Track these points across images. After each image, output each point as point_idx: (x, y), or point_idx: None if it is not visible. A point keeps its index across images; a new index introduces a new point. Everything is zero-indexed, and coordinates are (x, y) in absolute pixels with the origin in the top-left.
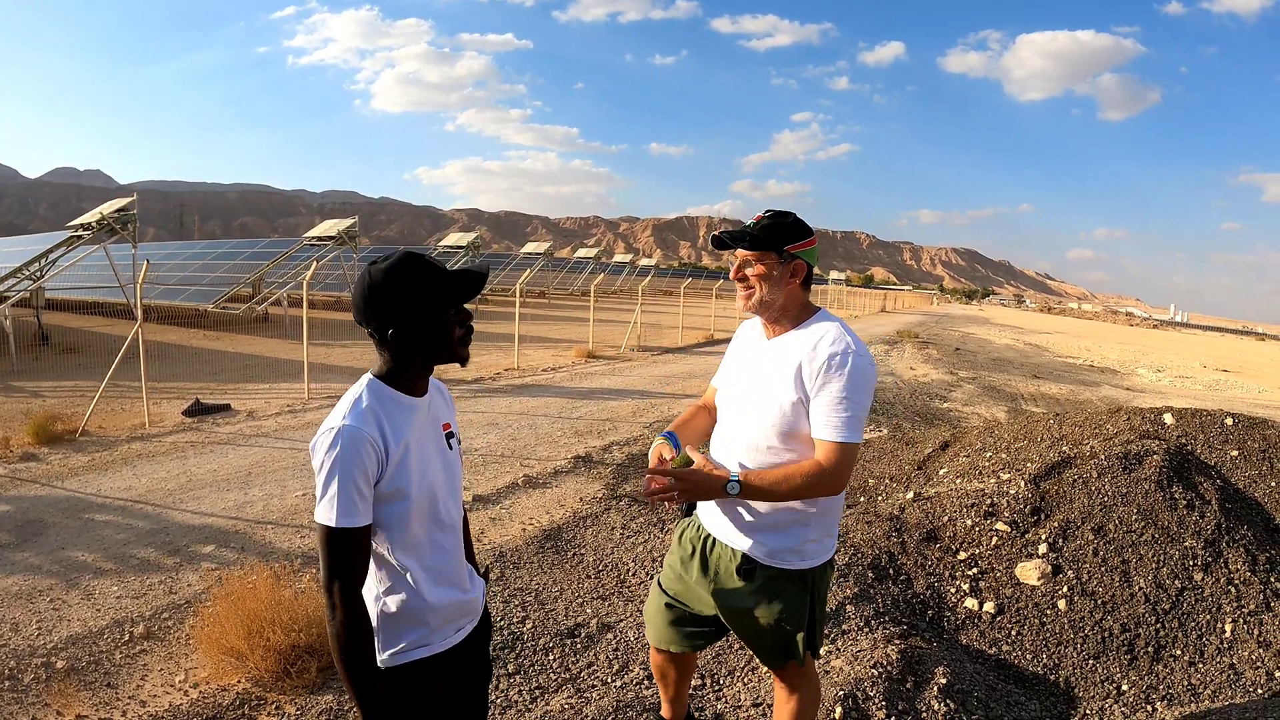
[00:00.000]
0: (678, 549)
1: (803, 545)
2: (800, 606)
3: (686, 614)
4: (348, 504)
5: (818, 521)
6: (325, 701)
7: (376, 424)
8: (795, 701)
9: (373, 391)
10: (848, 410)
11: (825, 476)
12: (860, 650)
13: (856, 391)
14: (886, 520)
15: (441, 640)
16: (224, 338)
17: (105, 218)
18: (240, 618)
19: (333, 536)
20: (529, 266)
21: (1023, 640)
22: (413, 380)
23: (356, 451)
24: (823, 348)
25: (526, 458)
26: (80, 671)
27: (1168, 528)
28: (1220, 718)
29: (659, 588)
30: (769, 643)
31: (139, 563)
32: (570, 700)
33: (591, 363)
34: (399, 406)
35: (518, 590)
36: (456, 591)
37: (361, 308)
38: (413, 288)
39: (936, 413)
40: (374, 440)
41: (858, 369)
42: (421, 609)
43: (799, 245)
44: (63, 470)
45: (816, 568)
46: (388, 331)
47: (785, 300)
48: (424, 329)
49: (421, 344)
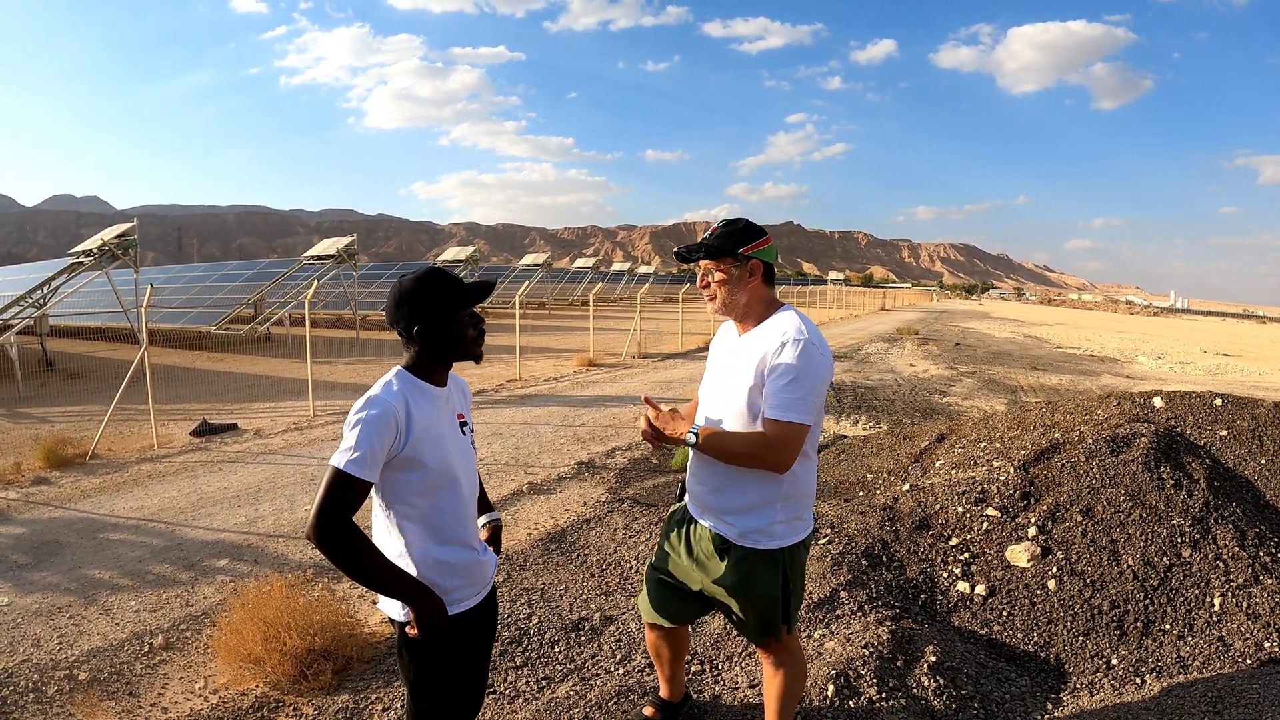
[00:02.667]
0: (668, 531)
1: (770, 527)
2: (773, 583)
3: (674, 588)
4: (361, 457)
5: (784, 505)
6: (341, 701)
7: (403, 403)
8: (782, 675)
9: (400, 378)
10: (793, 392)
11: (766, 450)
12: (853, 632)
13: (804, 375)
14: (880, 510)
15: (470, 598)
16: (227, 358)
17: (106, 244)
18: (257, 625)
19: (338, 478)
20: (528, 278)
21: (1014, 620)
22: (434, 372)
23: (382, 420)
24: (778, 336)
25: (530, 466)
26: (103, 682)
27: (1155, 507)
28: (1209, 686)
29: (651, 566)
30: (747, 617)
31: (155, 578)
32: (575, 688)
33: (593, 371)
34: (422, 393)
35: (524, 590)
36: (472, 553)
37: (393, 309)
38: (434, 292)
39: (936, 408)
40: (398, 417)
41: (806, 354)
42: (444, 564)
43: (752, 247)
44: (75, 493)
45: (787, 548)
46: (414, 329)
47: (749, 299)
48: (444, 327)
49: (442, 340)
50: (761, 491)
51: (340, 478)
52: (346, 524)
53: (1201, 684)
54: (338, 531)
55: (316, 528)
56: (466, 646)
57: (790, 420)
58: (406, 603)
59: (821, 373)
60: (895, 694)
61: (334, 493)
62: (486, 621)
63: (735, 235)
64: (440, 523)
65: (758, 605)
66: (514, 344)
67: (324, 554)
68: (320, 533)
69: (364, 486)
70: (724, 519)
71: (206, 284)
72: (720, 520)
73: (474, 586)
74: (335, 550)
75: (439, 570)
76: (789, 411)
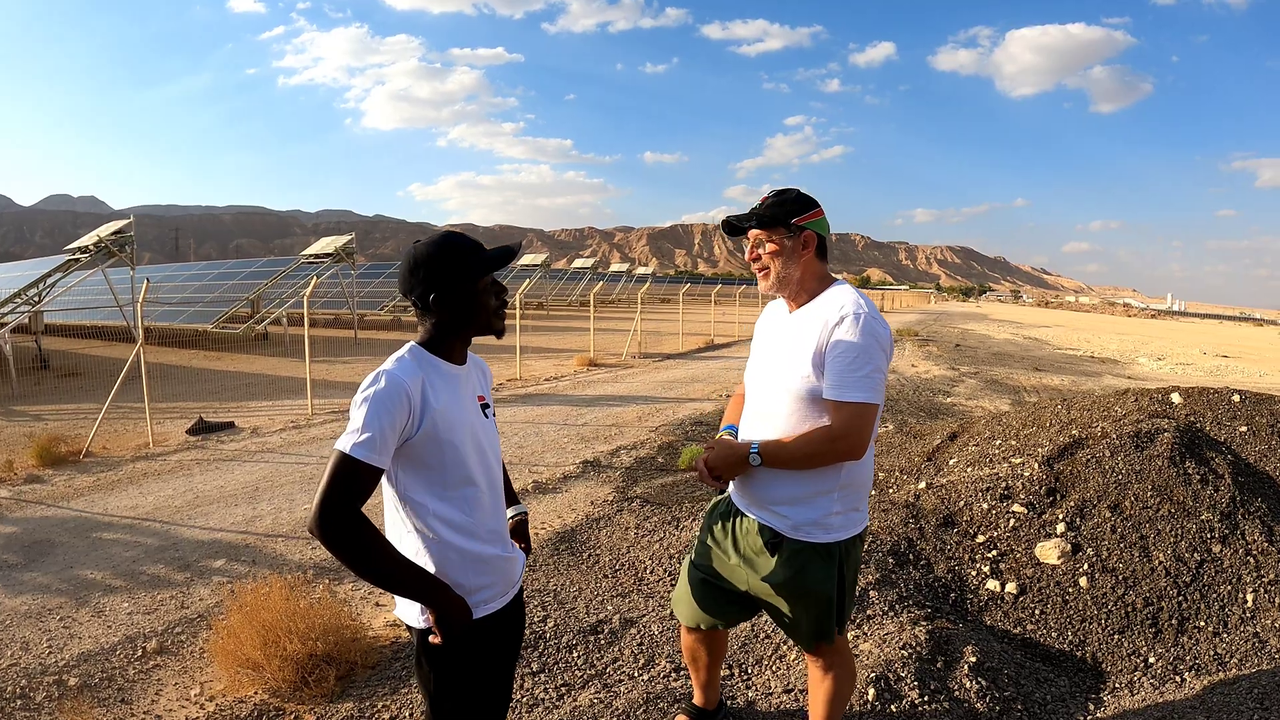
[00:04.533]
0: (710, 525)
1: (827, 518)
2: (827, 581)
3: (718, 588)
4: (370, 439)
5: (842, 494)
6: (345, 709)
7: (417, 379)
8: (831, 681)
9: (415, 353)
10: (858, 369)
11: (838, 439)
12: (888, 633)
13: (868, 351)
14: (903, 508)
15: (497, 599)
16: (224, 357)
17: (103, 240)
18: (255, 629)
19: (344, 463)
20: (527, 278)
21: (1046, 619)
22: (452, 349)
23: (392, 397)
24: (835, 312)
25: (535, 464)
26: (93, 688)
27: (1183, 502)
28: (1254, 684)
29: (691, 564)
30: (798, 619)
31: (149, 579)
32: (598, 695)
33: (594, 371)
34: (438, 371)
35: (536, 591)
36: (499, 549)
37: (406, 277)
38: (453, 257)
39: (941, 407)
40: (410, 393)
41: (869, 329)
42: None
43: (806, 217)
44: (68, 491)
45: (843, 541)
46: (430, 298)
47: (802, 273)
48: (463, 295)
49: (460, 311)
50: (818, 480)
51: (347, 463)
52: (354, 515)
53: (1245, 681)
54: (345, 523)
55: (320, 519)
56: (492, 653)
57: (858, 400)
58: (425, 603)
59: (886, 349)
60: (938, 696)
61: (340, 479)
62: (514, 625)
63: (788, 204)
64: (462, 515)
65: (810, 605)
66: (514, 343)
67: (329, 549)
68: (324, 525)
69: (374, 473)
70: (776, 510)
71: (203, 282)
72: (771, 512)
73: (501, 586)
74: (342, 544)
75: (462, 569)
76: (856, 390)
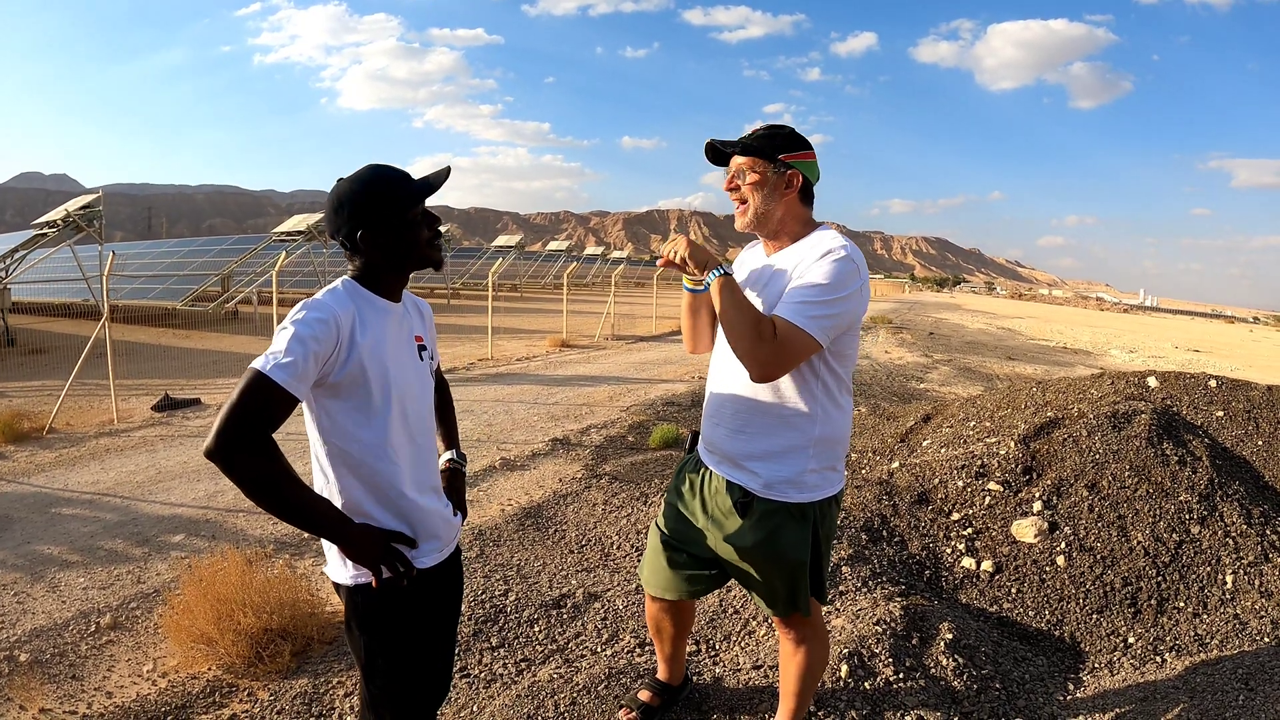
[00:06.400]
0: (678, 485)
1: (801, 476)
2: (801, 544)
3: (686, 555)
4: (291, 364)
5: (818, 450)
6: (300, 685)
7: (349, 311)
8: (803, 655)
9: (347, 286)
10: (812, 297)
11: (765, 339)
12: (861, 609)
13: (833, 290)
14: (876, 485)
15: (425, 556)
16: (193, 335)
17: (71, 215)
18: (209, 603)
19: (258, 382)
20: (501, 258)
21: (1024, 597)
22: (385, 285)
23: (320, 325)
24: (816, 250)
25: (503, 442)
26: (44, 664)
27: (1161, 483)
28: (1238, 664)
29: (656, 527)
30: (771, 586)
31: (106, 554)
32: (559, 670)
33: (566, 351)
34: (371, 306)
35: (498, 565)
36: (434, 500)
37: (332, 217)
38: (379, 190)
39: (914, 393)
40: (338, 320)
41: (842, 272)
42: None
43: (795, 155)
44: (29, 467)
45: (818, 502)
46: (357, 234)
47: (784, 213)
48: (392, 229)
49: (392, 247)
50: (792, 434)
51: (260, 382)
52: (262, 439)
53: (1229, 662)
54: (250, 446)
55: (221, 439)
56: (427, 613)
57: (799, 326)
58: (333, 540)
59: (853, 297)
60: (913, 674)
61: (250, 399)
62: (449, 587)
63: (778, 139)
64: (387, 462)
65: (783, 571)
66: (486, 324)
67: (228, 474)
68: (226, 446)
69: (288, 400)
70: (746, 467)
71: (174, 260)
72: (741, 469)
73: (431, 540)
74: (243, 470)
75: (388, 520)
76: (801, 317)
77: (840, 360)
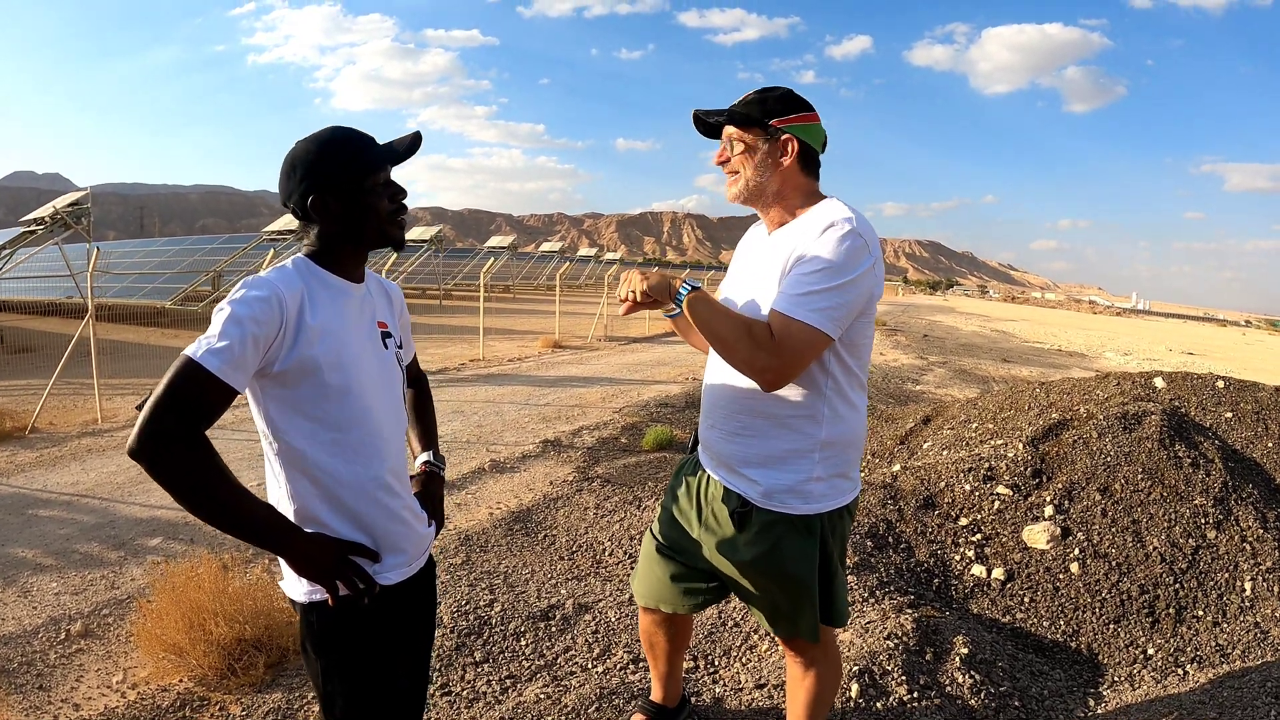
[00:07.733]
0: (675, 488)
1: (805, 484)
2: (805, 561)
3: (682, 566)
4: (226, 349)
5: (825, 455)
6: (274, 700)
7: (296, 290)
8: (812, 680)
9: (298, 264)
10: (817, 284)
11: (762, 345)
12: (870, 622)
13: (840, 271)
14: (880, 488)
15: (391, 570)
16: (183, 335)
17: (59, 212)
18: (181, 610)
19: (190, 371)
20: (494, 258)
21: (1037, 607)
22: (343, 263)
23: (262, 304)
24: (820, 223)
25: (493, 444)
26: (10, 673)
27: (1175, 486)
28: (1266, 677)
29: (651, 534)
30: (773, 603)
31: (81, 558)
32: (546, 690)
33: (558, 352)
34: (324, 286)
35: (485, 573)
36: (401, 508)
37: (284, 181)
38: (336, 152)
39: (910, 395)
40: (284, 303)
41: (851, 248)
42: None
43: (789, 120)
44: (8, 467)
45: (825, 514)
46: (309, 199)
47: (781, 186)
48: (348, 195)
49: (346, 217)
50: (795, 437)
51: (190, 370)
52: (192, 435)
53: (1255, 674)
54: (178, 442)
55: (145, 435)
56: (393, 637)
57: (800, 320)
58: (282, 553)
59: (863, 278)
60: (928, 692)
61: (180, 390)
62: (420, 605)
63: (769, 102)
64: (347, 464)
65: (786, 590)
66: (478, 325)
67: (153, 474)
68: (150, 442)
69: (224, 391)
70: (743, 473)
71: (163, 258)
72: (738, 475)
73: (396, 554)
74: (170, 468)
75: (342, 528)
76: (802, 309)
77: (852, 351)
